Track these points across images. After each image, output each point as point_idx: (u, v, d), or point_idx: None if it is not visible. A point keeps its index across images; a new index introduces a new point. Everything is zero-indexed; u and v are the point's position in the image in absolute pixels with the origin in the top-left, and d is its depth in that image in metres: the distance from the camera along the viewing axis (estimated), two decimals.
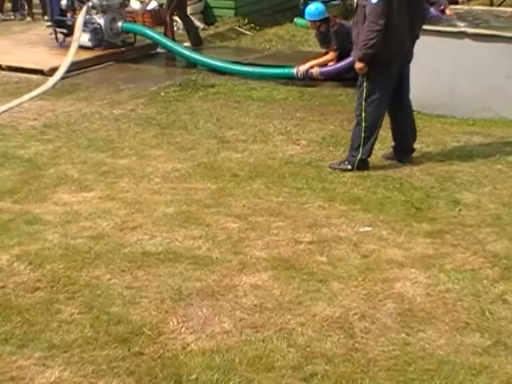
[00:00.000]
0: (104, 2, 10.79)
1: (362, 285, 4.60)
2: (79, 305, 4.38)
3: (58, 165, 6.84)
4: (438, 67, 7.86)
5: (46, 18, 13.04)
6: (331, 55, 9.36)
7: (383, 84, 6.41)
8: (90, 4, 10.78)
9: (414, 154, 6.81)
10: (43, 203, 5.98)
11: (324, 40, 9.56)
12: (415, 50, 6.56)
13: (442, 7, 9.15)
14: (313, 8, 9.55)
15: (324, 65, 9.41)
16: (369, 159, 6.63)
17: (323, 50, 9.69)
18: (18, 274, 4.80)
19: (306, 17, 9.69)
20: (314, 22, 9.52)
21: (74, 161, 6.94)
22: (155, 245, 5.22)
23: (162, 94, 9.10)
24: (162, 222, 5.61)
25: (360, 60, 6.37)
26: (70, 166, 6.82)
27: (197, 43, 11.35)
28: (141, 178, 6.52)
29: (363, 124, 6.50)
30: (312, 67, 9.39)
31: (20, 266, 4.89)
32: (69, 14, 11.03)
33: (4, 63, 10.17)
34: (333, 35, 9.31)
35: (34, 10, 14.03)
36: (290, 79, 9.51)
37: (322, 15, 9.45)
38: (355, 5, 6.75)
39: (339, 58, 9.25)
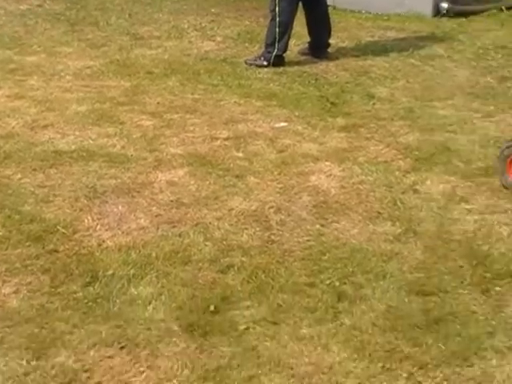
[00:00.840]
0: None
1: (277, 179, 4.62)
2: None
3: None
4: None
5: None
6: None
7: None
8: None
9: (330, 50, 6.81)
10: None
11: None
12: None
13: None
14: None
15: None
16: (284, 55, 6.59)
17: None
18: None
19: None
20: None
21: None
22: (68, 143, 5.09)
23: None
24: (75, 120, 5.48)
25: None
26: None
27: None
28: (51, 75, 6.32)
29: (277, 19, 6.43)
30: None
31: None
32: None
33: None
34: None
35: None
36: None
37: None
38: None
39: None
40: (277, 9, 6.40)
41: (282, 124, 5.47)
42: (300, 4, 6.58)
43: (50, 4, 8.23)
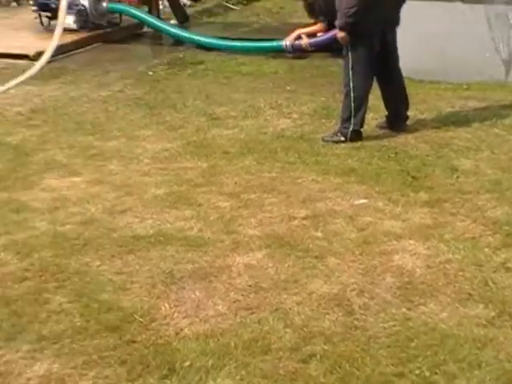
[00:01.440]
0: None
1: (359, 259, 4.47)
2: (68, 293, 4.24)
3: (46, 150, 6.68)
4: (428, 32, 7.68)
5: (30, 2, 12.84)
6: (319, 26, 9.18)
7: (367, 53, 6.27)
8: None
9: (409, 122, 6.67)
10: (31, 190, 5.82)
11: (312, 10, 9.37)
12: (403, 15, 6.40)
13: None
14: None
15: (313, 35, 9.21)
16: (362, 129, 6.49)
17: (312, 21, 9.50)
18: (5, 264, 4.65)
19: None
20: None
21: (61, 145, 6.79)
22: (145, 228, 5.08)
23: (150, 73, 8.93)
24: (152, 203, 5.47)
25: (341, 29, 6.24)
26: (58, 150, 6.67)
27: (183, 20, 11.15)
28: (130, 159, 6.37)
29: (352, 94, 6.36)
30: (300, 36, 9.20)
31: (7, 256, 4.74)
32: None
33: None
34: (320, 5, 9.11)
35: None
36: (279, 52, 9.33)
37: None
38: None
39: (327, 29, 9.06)
40: (351, 84, 6.34)
41: (362, 201, 5.33)
42: (375, 77, 6.50)
43: (130, 89, 8.37)
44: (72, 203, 5.54)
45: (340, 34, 6.25)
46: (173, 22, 10.98)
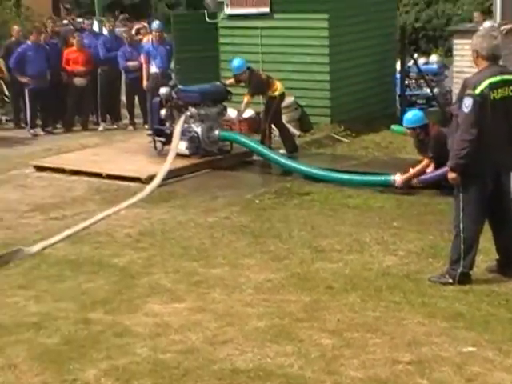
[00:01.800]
0: (202, 112, 10.98)
1: None
2: None
3: (151, 274, 6.80)
4: None
5: (146, 126, 13.45)
6: (426, 162, 9.17)
7: (479, 195, 6.17)
8: (188, 113, 11.00)
9: None
10: (134, 314, 5.90)
11: (422, 147, 9.40)
12: None
13: None
14: (411, 115, 9.45)
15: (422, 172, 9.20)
16: (471, 272, 6.31)
17: (421, 157, 9.50)
18: None
19: (404, 124, 9.56)
20: (412, 129, 9.38)
21: (167, 270, 6.89)
22: (245, 361, 5.03)
23: (257, 201, 9.05)
24: (254, 336, 5.43)
25: (452, 170, 6.19)
26: (163, 275, 6.77)
27: (292, 150, 11.36)
28: (233, 288, 6.39)
29: (462, 235, 6.23)
30: (410, 179, 9.18)
31: (107, 382, 4.77)
32: (167, 123, 11.25)
33: (104, 172, 10.39)
34: (431, 143, 9.13)
35: (136, 120, 14.45)
36: (387, 187, 9.32)
37: (420, 122, 9.31)
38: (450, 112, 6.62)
39: (437, 166, 9.04)
40: (461, 225, 6.23)
41: (470, 349, 5.13)
42: (487, 219, 6.37)
43: (236, 216, 8.49)
44: (174, 330, 5.56)
45: (451, 175, 6.20)
46: (282, 151, 11.19)
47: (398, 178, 9.25)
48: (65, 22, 22.89)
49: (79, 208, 9.08)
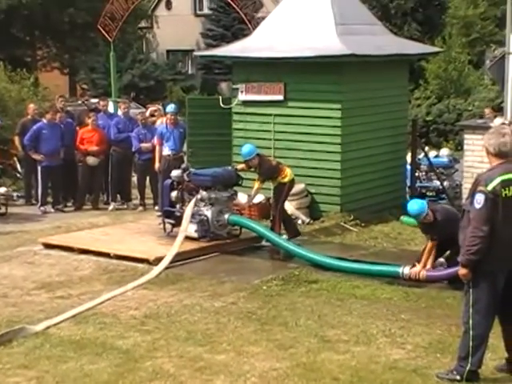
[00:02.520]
0: (212, 195, 11.05)
1: None
2: None
3: (155, 358, 6.73)
4: None
5: (156, 208, 13.52)
6: (430, 245, 9.15)
7: (489, 292, 6.13)
8: (198, 196, 11.06)
9: None
10: None
11: (427, 231, 9.41)
12: None
13: None
14: (416, 206, 9.44)
15: (432, 267, 9.16)
16: (479, 370, 6.21)
17: None
18: None
19: (413, 216, 9.57)
20: (417, 218, 9.41)
21: (170, 354, 6.82)
22: None
23: (265, 287, 9.00)
24: None
25: (464, 266, 6.16)
26: (167, 359, 6.70)
27: (294, 235, 11.33)
28: (237, 376, 6.31)
29: (471, 332, 6.16)
30: (419, 272, 9.13)
31: None
32: (178, 205, 11.30)
33: (113, 252, 10.39)
34: (434, 227, 9.14)
35: (146, 201, 14.53)
36: (394, 278, 9.27)
37: (422, 212, 9.31)
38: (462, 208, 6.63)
39: (442, 246, 9.09)
40: (470, 321, 6.16)
41: None
42: (497, 316, 6.31)
43: (243, 302, 8.44)
44: None
45: (462, 271, 6.17)
46: (284, 236, 11.17)
47: (406, 271, 9.20)
48: (79, 102, 23.34)
49: (86, 287, 9.05)
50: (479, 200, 6.03)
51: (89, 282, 9.27)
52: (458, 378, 6.14)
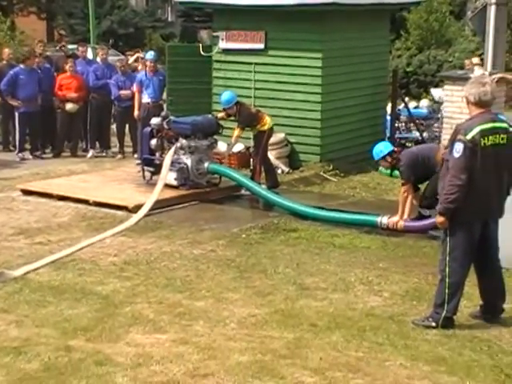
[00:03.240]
0: (192, 144, 11.01)
1: None
2: None
3: (135, 303, 6.76)
4: None
5: (135, 155, 13.46)
6: (403, 189, 9.19)
7: (466, 240, 6.20)
8: (178, 144, 11.02)
9: (504, 315, 6.46)
10: (116, 343, 5.87)
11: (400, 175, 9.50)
12: (506, 206, 6.36)
13: None
14: (375, 149, 9.54)
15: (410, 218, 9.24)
16: (454, 317, 6.32)
17: None
18: None
19: (374, 158, 9.66)
20: (383, 159, 9.48)
21: (150, 300, 6.86)
22: None
23: (244, 235, 9.05)
24: (235, 370, 5.40)
25: (441, 214, 6.21)
26: (146, 305, 6.74)
27: (273, 186, 11.34)
28: (216, 321, 6.36)
29: (447, 280, 6.25)
30: (397, 222, 9.21)
31: None
32: (157, 154, 11.26)
33: (92, 199, 10.37)
34: (401, 168, 9.20)
35: (125, 149, 14.46)
36: (373, 227, 9.35)
37: (386, 151, 9.39)
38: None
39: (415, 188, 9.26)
40: (447, 269, 6.25)
41: None
42: (472, 265, 6.40)
43: (222, 249, 8.48)
44: (155, 361, 5.53)
45: (440, 219, 6.23)
46: (263, 186, 11.17)
47: (384, 221, 9.28)
48: (56, 48, 22.99)
49: (64, 234, 9.04)
50: (458, 149, 6.06)
51: (67, 229, 9.25)
52: (434, 324, 6.25)
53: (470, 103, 6.25)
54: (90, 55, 16.70)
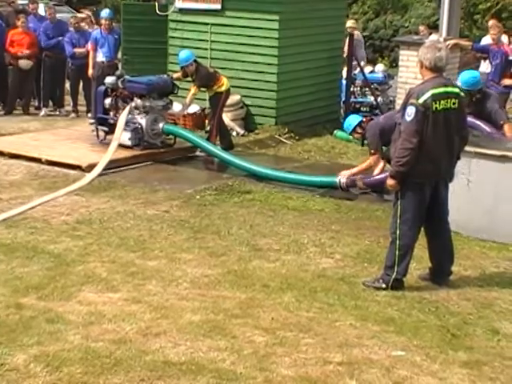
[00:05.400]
0: (147, 103, 10.91)
1: None
2: None
3: (87, 262, 6.74)
4: (479, 189, 7.69)
5: (89, 115, 13.29)
6: (371, 159, 9.26)
7: (416, 203, 6.29)
8: (133, 104, 10.92)
9: (452, 277, 6.60)
10: (68, 301, 5.85)
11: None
12: (456, 170, 6.47)
13: (502, 122, 9.07)
14: (348, 121, 9.63)
15: (368, 173, 9.31)
16: (404, 279, 6.43)
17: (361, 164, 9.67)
18: (33, 375, 4.62)
19: (345, 129, 9.72)
20: (354, 132, 9.55)
21: (103, 259, 6.84)
22: (178, 354, 5.04)
23: (198, 197, 9.05)
24: (187, 329, 5.44)
25: (392, 177, 6.29)
26: (99, 264, 6.72)
27: (227, 147, 11.32)
28: (169, 281, 6.38)
29: (398, 242, 6.35)
30: (355, 174, 9.31)
31: (36, 368, 4.72)
32: (112, 113, 11.15)
33: (44, 157, 10.24)
34: (369, 141, 9.27)
35: (79, 107, 14.27)
36: (332, 188, 9.42)
37: (353, 125, 9.49)
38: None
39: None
40: (398, 232, 6.34)
41: (400, 352, 5.24)
42: (422, 228, 6.50)
43: (176, 210, 8.47)
44: (107, 320, 5.54)
45: (390, 182, 6.31)
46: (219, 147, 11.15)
47: (343, 179, 9.36)
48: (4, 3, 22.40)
49: (16, 192, 8.93)
50: (410, 113, 6.12)
51: (19, 187, 9.14)
52: (384, 286, 6.35)
53: (424, 67, 6.30)
54: (42, 12, 16.33)
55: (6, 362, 4.81)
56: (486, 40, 13.13)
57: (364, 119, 9.72)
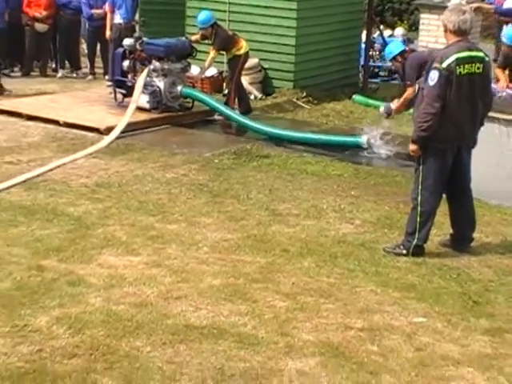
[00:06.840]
0: (165, 66, 10.84)
1: (415, 381, 4.35)
2: (117, 377, 4.18)
3: (107, 225, 6.74)
4: (502, 156, 7.62)
5: (107, 77, 13.24)
6: (408, 91, 9.12)
7: (438, 169, 6.23)
8: (151, 67, 10.85)
9: (473, 244, 6.56)
10: (88, 264, 5.86)
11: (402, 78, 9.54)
12: (479, 136, 6.39)
13: None
14: (389, 48, 9.77)
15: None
16: (425, 245, 6.40)
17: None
18: (56, 337, 4.64)
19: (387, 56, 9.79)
20: (393, 59, 9.52)
21: (122, 222, 6.84)
22: (199, 318, 5.04)
23: (216, 160, 9.01)
24: (208, 293, 5.44)
25: (414, 142, 6.22)
26: (119, 227, 6.72)
27: (246, 111, 11.25)
28: (189, 245, 6.38)
29: (419, 208, 6.30)
30: (398, 108, 9.40)
31: (59, 330, 4.74)
32: (129, 75, 11.08)
33: (62, 119, 10.22)
34: (405, 70, 9.16)
35: (96, 70, 14.21)
36: (355, 148, 9.38)
37: (397, 50, 9.49)
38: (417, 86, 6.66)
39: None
40: (419, 198, 6.29)
41: (421, 319, 5.22)
42: (444, 194, 6.45)
43: (195, 174, 8.44)
44: (128, 283, 5.54)
45: (413, 147, 6.24)
46: (237, 111, 11.09)
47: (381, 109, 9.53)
48: None
49: (34, 154, 8.93)
50: (433, 77, 6.03)
51: (38, 149, 9.14)
52: (405, 252, 6.32)
53: (448, 31, 6.19)
54: None
55: (29, 323, 4.84)
56: (509, 3, 12.91)
57: (407, 49, 9.65)
